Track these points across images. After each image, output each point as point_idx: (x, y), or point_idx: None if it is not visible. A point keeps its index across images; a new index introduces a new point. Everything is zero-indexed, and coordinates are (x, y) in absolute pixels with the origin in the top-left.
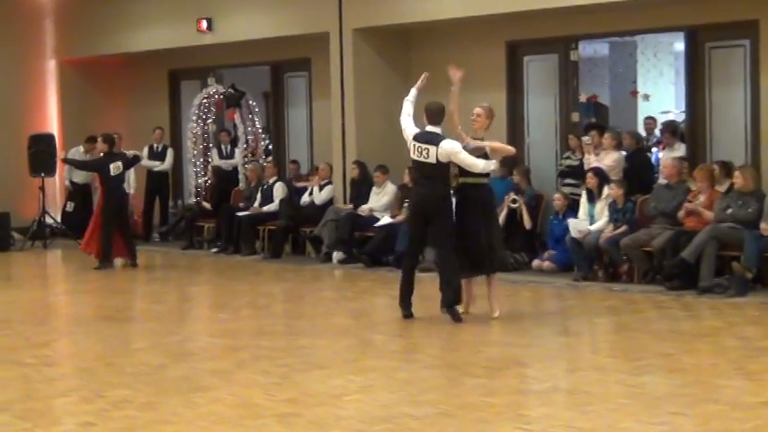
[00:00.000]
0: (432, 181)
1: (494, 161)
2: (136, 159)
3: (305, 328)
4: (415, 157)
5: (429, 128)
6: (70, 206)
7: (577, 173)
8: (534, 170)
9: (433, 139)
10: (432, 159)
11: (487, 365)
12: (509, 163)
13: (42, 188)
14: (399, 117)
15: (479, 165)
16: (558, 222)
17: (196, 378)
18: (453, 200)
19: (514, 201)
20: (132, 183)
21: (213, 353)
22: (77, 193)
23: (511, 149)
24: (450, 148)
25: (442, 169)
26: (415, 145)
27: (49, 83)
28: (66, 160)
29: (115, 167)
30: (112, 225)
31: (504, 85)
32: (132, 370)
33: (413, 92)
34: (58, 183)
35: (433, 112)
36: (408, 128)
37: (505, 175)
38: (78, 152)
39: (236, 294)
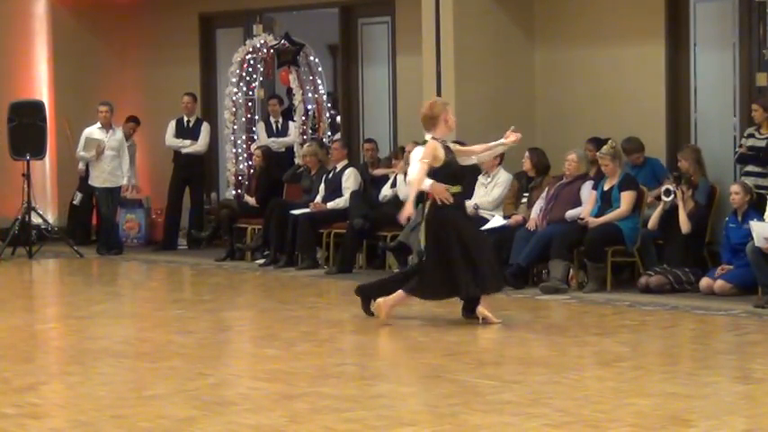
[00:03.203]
0: None
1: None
2: None
3: (384, 369)
4: None
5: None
6: (78, 198)
7: (765, 158)
8: (704, 154)
9: None
10: None
11: (637, 423)
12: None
13: (27, 175)
14: (514, 81)
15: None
16: (737, 226)
17: None
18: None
19: (668, 192)
20: (125, 170)
21: (258, 402)
22: (87, 184)
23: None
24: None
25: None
26: None
27: (37, 31)
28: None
29: None
30: None
31: (662, 38)
32: (147, 425)
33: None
34: (49, 167)
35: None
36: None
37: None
38: (97, 131)
39: (290, 322)
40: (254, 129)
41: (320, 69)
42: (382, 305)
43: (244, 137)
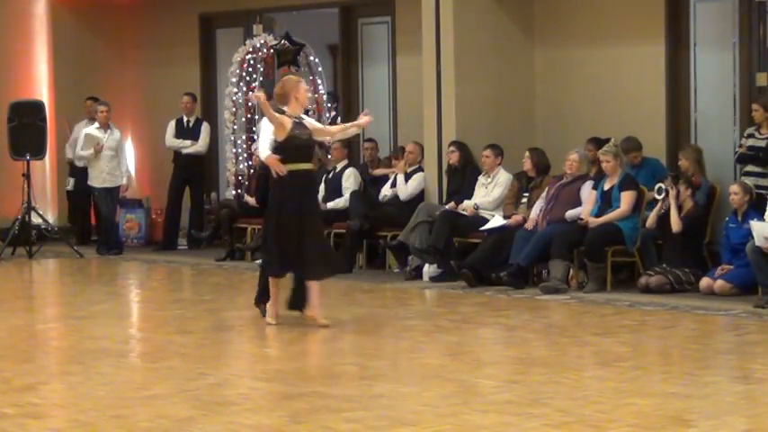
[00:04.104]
0: None
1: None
2: None
3: (384, 369)
4: None
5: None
6: (71, 183)
7: (765, 157)
8: (704, 154)
9: None
10: None
11: (636, 423)
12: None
13: (27, 175)
14: (514, 81)
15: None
16: (737, 226)
17: None
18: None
19: (660, 191)
20: (124, 170)
21: (258, 402)
22: (78, 169)
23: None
24: None
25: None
26: None
27: (37, 31)
28: None
29: None
30: None
31: (662, 37)
32: (148, 425)
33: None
34: (49, 167)
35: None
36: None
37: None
38: (95, 130)
39: (290, 323)
40: (254, 129)
41: (320, 69)
42: (312, 314)
43: (244, 137)
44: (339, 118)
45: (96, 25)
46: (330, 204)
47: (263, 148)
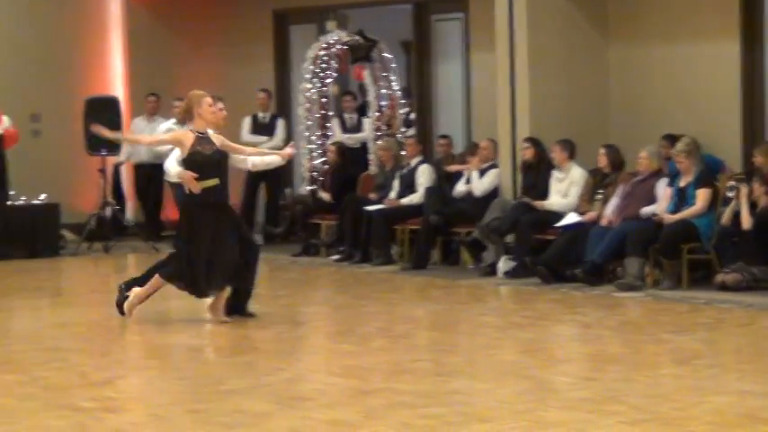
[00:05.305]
0: None
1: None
2: None
3: (459, 365)
4: None
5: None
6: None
7: None
8: None
9: None
10: None
11: (712, 421)
12: None
13: (103, 171)
14: (588, 77)
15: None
16: None
17: None
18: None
19: (731, 188)
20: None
21: (333, 397)
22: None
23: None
24: None
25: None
26: None
27: (112, 28)
28: None
29: None
30: None
31: (738, 35)
32: (224, 419)
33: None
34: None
35: None
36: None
37: None
38: (173, 126)
39: (365, 318)
40: (328, 125)
41: (393, 66)
42: (132, 298)
43: (318, 133)
44: (412, 114)
45: (171, 22)
46: (404, 200)
47: (172, 164)
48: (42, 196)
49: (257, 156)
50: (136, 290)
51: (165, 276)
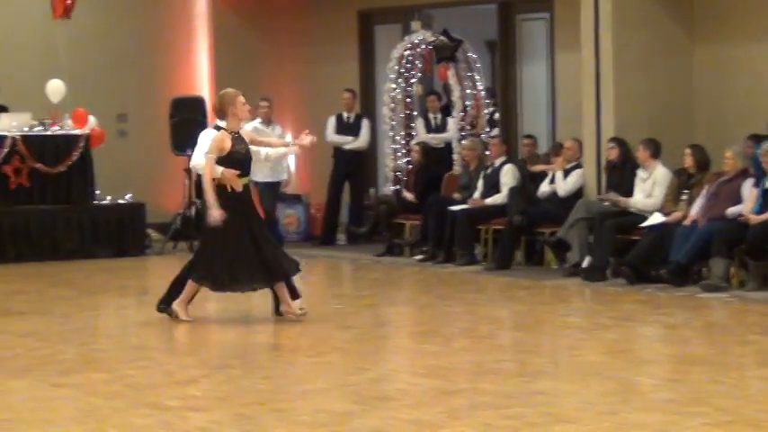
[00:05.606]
0: None
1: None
2: None
3: (543, 366)
4: None
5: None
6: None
7: None
8: None
9: None
10: None
11: None
12: None
13: (189, 170)
14: (673, 77)
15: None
16: None
17: (393, 431)
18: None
19: None
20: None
21: (417, 397)
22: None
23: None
24: None
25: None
26: None
27: (198, 28)
28: None
29: None
30: None
31: None
32: (307, 419)
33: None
34: None
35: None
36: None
37: None
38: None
39: (449, 319)
40: (412, 125)
41: (478, 65)
42: (177, 308)
43: (402, 133)
44: (497, 114)
45: (256, 22)
46: (488, 200)
47: (211, 169)
48: (128, 196)
49: (280, 146)
50: (174, 305)
51: (196, 279)
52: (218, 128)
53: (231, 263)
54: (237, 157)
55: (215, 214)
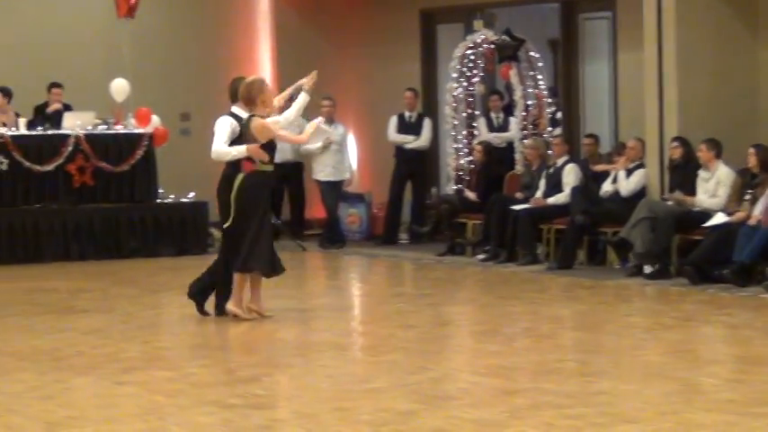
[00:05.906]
0: None
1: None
2: None
3: (605, 366)
4: None
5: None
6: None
7: None
8: None
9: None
10: None
11: None
12: None
13: None
14: (737, 77)
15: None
16: None
17: (455, 431)
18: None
19: None
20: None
21: (478, 397)
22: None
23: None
24: None
25: None
26: None
27: (261, 27)
28: None
29: None
30: None
31: None
32: (369, 417)
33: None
34: None
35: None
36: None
37: None
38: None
39: (511, 318)
40: (474, 124)
41: (540, 65)
42: (232, 308)
43: (464, 132)
44: (559, 113)
45: (318, 21)
46: (551, 200)
47: (221, 146)
48: (191, 194)
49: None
50: (229, 305)
51: (241, 269)
52: (232, 114)
53: (272, 246)
54: (270, 144)
55: (253, 149)
